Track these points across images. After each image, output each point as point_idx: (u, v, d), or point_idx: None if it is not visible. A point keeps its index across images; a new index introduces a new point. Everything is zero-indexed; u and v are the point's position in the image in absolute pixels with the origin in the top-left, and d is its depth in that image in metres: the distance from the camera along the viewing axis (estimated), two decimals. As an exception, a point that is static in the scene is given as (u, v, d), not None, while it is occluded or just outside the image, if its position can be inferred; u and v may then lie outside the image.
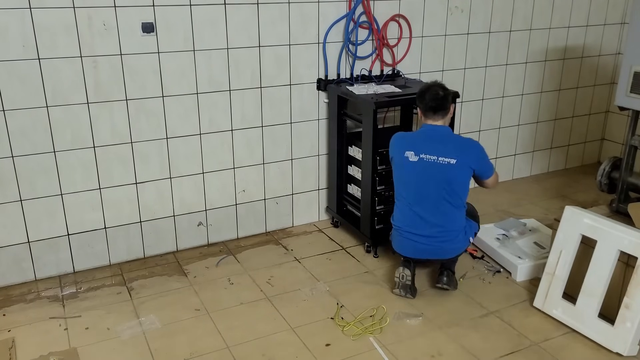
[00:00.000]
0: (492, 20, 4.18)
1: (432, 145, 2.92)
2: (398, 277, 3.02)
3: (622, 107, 3.20)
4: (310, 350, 2.64)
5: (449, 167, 2.88)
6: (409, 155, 2.94)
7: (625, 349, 2.57)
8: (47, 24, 2.88)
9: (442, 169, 2.89)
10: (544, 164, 4.87)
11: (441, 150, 2.90)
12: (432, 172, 2.90)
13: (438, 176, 2.89)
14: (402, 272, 3.01)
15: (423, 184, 2.93)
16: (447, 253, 3.02)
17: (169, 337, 2.73)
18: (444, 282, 3.04)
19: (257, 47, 3.42)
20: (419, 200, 2.95)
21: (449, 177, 2.90)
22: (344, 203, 3.78)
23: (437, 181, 2.90)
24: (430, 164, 2.90)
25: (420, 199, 2.95)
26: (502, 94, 4.44)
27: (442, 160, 2.89)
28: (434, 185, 2.91)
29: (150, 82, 3.20)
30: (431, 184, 2.91)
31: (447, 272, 3.06)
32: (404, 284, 3.01)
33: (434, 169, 2.89)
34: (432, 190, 2.92)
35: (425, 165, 2.90)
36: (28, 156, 3.02)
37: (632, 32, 3.10)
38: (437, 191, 2.91)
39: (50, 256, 3.23)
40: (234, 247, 3.62)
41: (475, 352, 2.63)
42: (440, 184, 2.90)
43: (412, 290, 3.03)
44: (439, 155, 2.89)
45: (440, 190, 2.91)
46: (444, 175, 2.89)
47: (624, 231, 2.66)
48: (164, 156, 3.36)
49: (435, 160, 2.89)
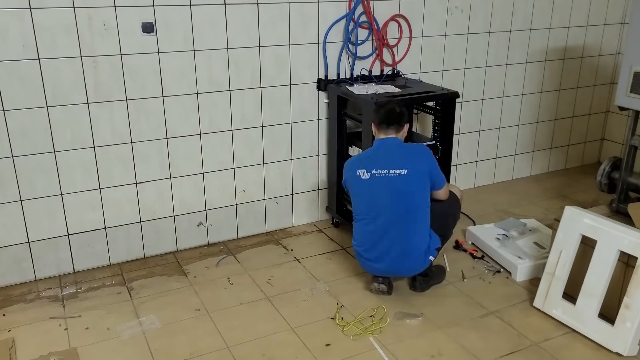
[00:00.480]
0: (492, 20, 4.18)
1: (381, 159, 2.86)
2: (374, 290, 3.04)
3: (622, 107, 3.20)
4: (310, 350, 2.64)
5: (400, 179, 2.80)
6: (361, 173, 2.87)
7: (625, 349, 2.57)
8: (47, 24, 2.88)
9: (393, 182, 2.81)
10: (544, 164, 4.87)
11: (390, 162, 2.83)
12: (384, 187, 2.82)
13: (390, 190, 2.82)
14: (378, 287, 3.01)
15: (377, 201, 2.86)
16: (407, 272, 3.00)
17: (169, 337, 2.73)
18: (417, 288, 3.04)
19: (257, 47, 3.42)
20: (374, 218, 2.87)
21: (402, 189, 2.81)
22: (344, 203, 3.78)
23: (391, 196, 2.82)
24: (381, 179, 2.82)
25: (375, 217, 2.87)
26: (502, 94, 4.44)
27: (392, 172, 2.81)
28: (388, 201, 2.83)
29: (150, 82, 3.20)
30: (385, 200, 2.84)
31: (419, 277, 3.04)
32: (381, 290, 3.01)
33: (385, 183, 2.82)
34: (386, 206, 2.84)
35: (377, 181, 2.83)
36: (28, 156, 3.03)
37: (632, 32, 3.10)
38: (391, 207, 2.83)
39: (50, 256, 3.23)
40: (234, 247, 3.62)
41: (475, 352, 2.63)
42: (394, 198, 2.82)
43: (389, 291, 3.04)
44: (389, 168, 2.82)
45: (394, 206, 2.83)
46: (396, 188, 2.81)
47: (624, 231, 2.66)
48: (164, 156, 3.36)
49: (385, 174, 2.81)
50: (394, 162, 2.83)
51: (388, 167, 2.83)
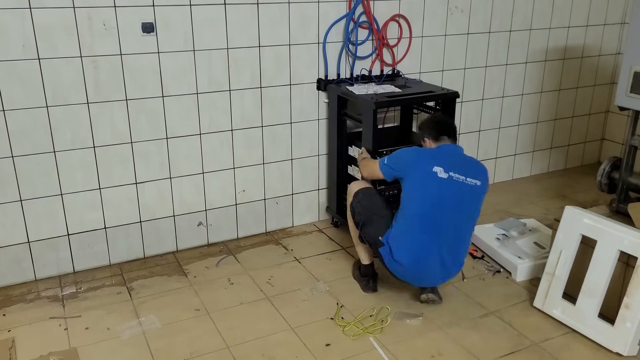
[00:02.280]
0: (492, 20, 4.18)
1: (457, 164, 2.72)
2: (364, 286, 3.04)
3: (622, 107, 3.20)
4: (310, 350, 2.64)
5: (474, 189, 2.71)
6: (438, 171, 2.66)
7: (625, 349, 2.57)
8: (47, 24, 2.88)
9: (468, 191, 2.70)
10: (544, 164, 4.87)
11: (466, 170, 2.71)
12: (459, 195, 2.68)
13: (463, 197, 2.70)
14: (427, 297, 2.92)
15: (451, 206, 2.70)
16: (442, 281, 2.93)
17: (169, 337, 2.73)
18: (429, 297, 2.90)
19: (257, 47, 3.42)
20: (439, 225, 2.70)
21: (473, 199, 2.74)
22: (344, 203, 3.77)
23: (461, 203, 2.71)
24: (460, 184, 2.68)
25: (441, 224, 2.71)
26: (502, 94, 4.44)
27: (470, 181, 2.69)
28: (456, 207, 2.71)
29: (150, 82, 3.20)
30: (453, 205, 2.71)
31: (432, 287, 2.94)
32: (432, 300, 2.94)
33: (461, 189, 2.68)
34: (458, 214, 2.73)
35: (455, 185, 2.68)
36: (28, 156, 3.02)
37: (632, 32, 3.10)
38: (457, 214, 2.73)
39: (50, 256, 3.23)
40: (234, 247, 3.62)
41: (475, 352, 2.63)
42: (462, 206, 2.73)
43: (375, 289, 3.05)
44: (466, 176, 2.69)
45: (460, 214, 2.74)
46: (468, 196, 2.71)
47: (624, 231, 2.66)
48: (164, 156, 3.36)
49: (463, 180, 2.69)
50: (470, 171, 2.72)
51: (465, 174, 2.70)
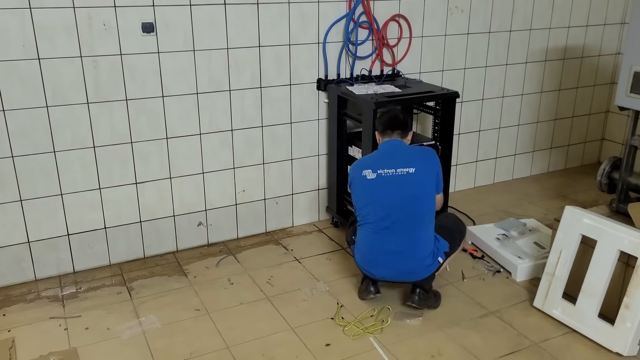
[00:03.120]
0: (492, 20, 4.18)
1: (387, 159, 2.79)
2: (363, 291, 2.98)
3: (622, 107, 3.20)
4: (310, 350, 2.64)
5: (408, 178, 2.73)
6: (367, 173, 2.78)
7: (625, 349, 2.57)
8: (47, 24, 2.88)
9: (402, 181, 2.73)
10: (544, 164, 4.87)
11: (397, 161, 2.75)
12: (392, 187, 2.73)
13: (399, 189, 2.73)
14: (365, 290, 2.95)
15: (383, 201, 2.76)
16: (415, 277, 2.85)
17: (169, 337, 2.73)
18: (414, 301, 2.86)
19: (257, 47, 3.42)
20: (380, 221, 2.77)
21: (411, 189, 2.73)
22: (344, 203, 3.78)
23: (399, 196, 2.73)
24: (389, 178, 2.74)
25: (381, 220, 2.76)
26: (502, 94, 4.44)
27: (400, 171, 2.73)
28: (396, 201, 2.74)
29: (150, 82, 3.20)
30: (392, 200, 2.74)
31: (419, 291, 2.87)
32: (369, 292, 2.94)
33: (394, 183, 2.73)
34: (394, 207, 2.74)
35: (384, 181, 2.74)
36: (28, 156, 3.03)
37: (632, 32, 3.09)
38: (399, 208, 2.74)
39: (50, 256, 3.23)
40: (234, 247, 3.62)
41: (475, 352, 2.63)
42: (403, 198, 2.73)
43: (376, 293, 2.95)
44: (396, 167, 2.74)
45: (403, 207, 2.74)
46: (405, 187, 2.73)
47: (624, 231, 2.66)
48: (164, 156, 3.36)
49: (393, 173, 2.73)
50: (401, 161, 2.76)
51: (395, 166, 2.75)
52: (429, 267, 2.83)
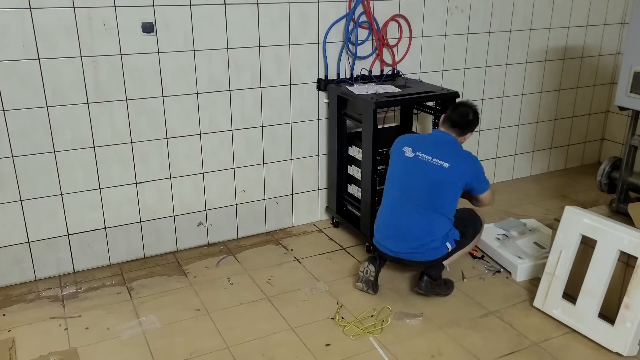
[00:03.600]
0: (492, 20, 4.18)
1: (431, 147, 2.95)
2: (362, 272, 3.05)
3: (622, 107, 3.20)
4: (310, 350, 2.64)
5: (440, 169, 2.88)
6: (406, 150, 2.97)
7: (625, 349, 2.57)
8: (47, 23, 2.88)
9: (433, 169, 2.88)
10: (544, 164, 4.87)
11: (438, 152, 2.91)
12: (423, 170, 2.90)
13: (427, 175, 2.89)
14: (367, 267, 3.04)
15: (412, 180, 2.93)
16: (420, 257, 2.94)
17: (169, 337, 2.73)
18: (420, 287, 2.99)
19: (257, 47, 3.42)
20: (405, 197, 2.94)
21: (438, 179, 2.88)
22: (344, 203, 3.78)
23: (426, 181, 2.90)
24: (423, 162, 2.91)
25: (404, 196, 2.94)
26: (502, 94, 4.44)
27: (435, 161, 2.89)
28: (422, 185, 2.91)
29: (150, 82, 3.20)
30: (419, 182, 2.91)
31: (426, 279, 2.98)
32: (367, 278, 3.03)
33: (425, 167, 2.90)
34: (418, 189, 2.92)
35: (418, 163, 2.92)
36: (28, 156, 3.02)
37: (632, 32, 3.09)
38: (423, 191, 2.91)
39: (50, 256, 3.23)
40: (234, 247, 3.62)
41: (475, 352, 2.63)
42: (428, 184, 2.89)
43: (374, 286, 3.04)
44: (433, 157, 2.90)
45: (426, 192, 2.90)
46: (433, 175, 2.88)
47: (624, 231, 2.66)
48: (164, 156, 3.36)
49: (429, 160, 2.90)
50: (440, 154, 2.91)
51: (433, 154, 2.91)
52: (437, 249, 2.93)
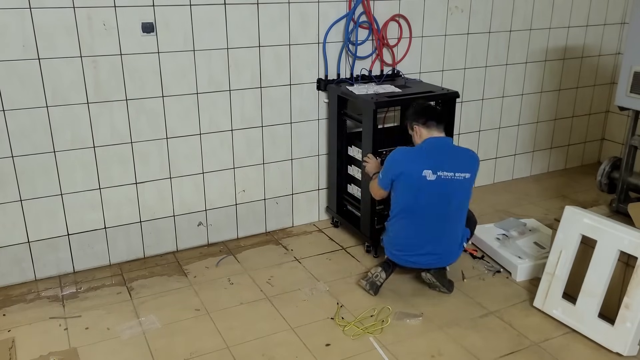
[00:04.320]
0: (492, 20, 4.18)
1: (447, 161, 2.87)
2: (372, 274, 3.06)
3: (622, 107, 3.21)
4: (310, 350, 2.64)
5: (464, 182, 2.88)
6: (427, 174, 2.82)
7: (625, 349, 2.57)
8: (47, 24, 2.88)
9: (459, 185, 2.87)
10: (544, 164, 4.87)
11: (455, 165, 2.86)
12: (449, 190, 2.86)
13: (455, 193, 2.88)
14: (379, 272, 3.04)
15: (439, 204, 2.88)
16: (441, 265, 3.05)
17: (169, 337, 2.73)
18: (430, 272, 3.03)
19: (257, 47, 3.42)
20: (428, 221, 2.90)
21: (465, 193, 2.92)
22: (344, 203, 3.78)
23: (454, 198, 2.89)
24: (448, 181, 2.84)
25: (430, 220, 2.90)
26: (502, 94, 4.44)
27: (458, 175, 2.86)
28: (450, 204, 2.90)
29: (150, 82, 3.20)
30: (447, 203, 2.89)
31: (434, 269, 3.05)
32: (374, 281, 3.04)
33: (451, 187, 2.86)
34: (446, 209, 2.90)
35: (443, 184, 2.84)
36: (28, 156, 3.02)
37: (632, 32, 3.10)
38: (451, 209, 2.92)
39: (50, 256, 3.23)
40: (234, 247, 3.62)
41: (475, 352, 2.63)
42: (456, 200, 2.91)
43: (377, 289, 3.04)
44: (455, 171, 2.85)
45: (454, 208, 2.93)
46: (460, 191, 2.89)
47: (624, 231, 2.66)
48: (164, 156, 3.36)
49: (452, 177, 2.85)
50: (459, 165, 2.87)
51: (454, 169, 2.85)
52: (457, 251, 3.06)
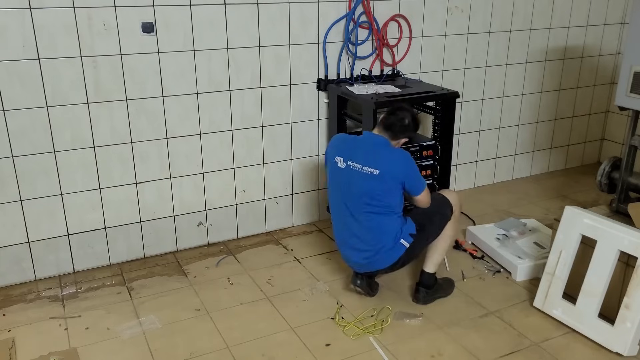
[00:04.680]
0: (492, 20, 4.18)
1: (361, 153, 2.82)
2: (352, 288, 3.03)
3: (622, 107, 3.20)
4: (310, 350, 2.64)
5: (370, 177, 2.76)
6: (338, 160, 2.87)
7: (625, 349, 2.57)
8: (47, 24, 2.88)
9: (365, 178, 2.77)
10: (544, 164, 4.87)
11: (368, 159, 2.79)
12: (356, 180, 2.80)
13: (359, 185, 2.79)
14: (354, 287, 3.00)
15: (347, 191, 2.84)
16: (379, 264, 2.87)
17: (169, 337, 2.73)
18: (419, 300, 2.97)
19: (257, 47, 3.42)
20: (345, 208, 2.87)
21: (369, 187, 2.77)
22: (344, 203, 3.77)
23: (358, 190, 2.80)
24: (354, 172, 2.80)
25: (345, 207, 2.86)
26: (502, 94, 4.44)
27: (366, 169, 2.78)
28: (355, 194, 2.81)
29: (150, 82, 3.20)
30: (355, 192, 2.81)
31: (422, 289, 2.97)
32: (358, 291, 3.02)
33: (357, 177, 2.80)
34: (354, 199, 2.82)
35: (350, 173, 2.82)
36: (28, 156, 3.02)
37: (632, 32, 3.10)
38: (358, 201, 2.81)
39: (50, 256, 3.23)
40: (234, 247, 3.62)
41: (475, 352, 2.63)
42: (361, 193, 2.80)
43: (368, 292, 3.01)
44: (364, 164, 2.79)
45: (360, 200, 2.81)
46: (364, 184, 2.78)
47: (624, 231, 2.66)
48: (164, 156, 3.36)
49: (360, 169, 2.79)
50: (370, 160, 2.78)
51: (364, 162, 2.79)
52: (392, 250, 2.82)
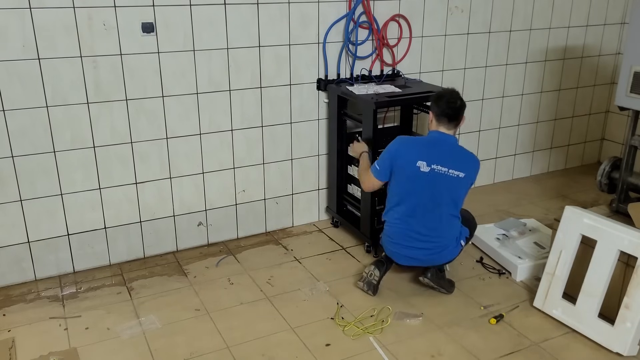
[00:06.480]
0: (492, 20, 4.18)
1: (444, 156, 2.89)
2: (366, 274, 3.06)
3: (622, 107, 3.21)
4: (310, 350, 2.64)
5: (457, 180, 2.89)
6: (421, 165, 2.87)
7: (625, 349, 2.57)
8: (47, 24, 2.88)
9: (451, 181, 2.88)
10: (544, 164, 4.87)
11: (451, 162, 2.89)
12: (441, 184, 2.88)
13: (446, 188, 2.89)
14: (372, 270, 3.04)
15: (431, 196, 2.90)
16: (438, 261, 3.03)
17: (169, 337, 2.73)
18: (427, 277, 3.02)
19: (257, 47, 3.42)
20: (420, 211, 2.92)
21: (456, 190, 2.92)
22: (344, 203, 3.78)
23: (445, 193, 2.90)
24: (440, 176, 2.87)
25: (422, 210, 2.92)
26: (502, 94, 4.44)
27: (452, 172, 2.87)
28: (441, 197, 2.90)
29: (150, 82, 3.20)
30: (438, 196, 2.90)
31: (433, 269, 3.03)
32: (370, 281, 3.05)
33: (444, 181, 2.88)
34: (437, 202, 2.90)
35: (435, 176, 2.87)
36: (28, 156, 3.02)
37: (632, 32, 3.10)
38: (442, 203, 2.91)
39: (50, 256, 3.23)
40: (234, 247, 3.62)
41: (475, 352, 2.63)
42: (447, 196, 2.91)
43: (375, 289, 3.05)
44: (449, 168, 2.88)
45: (445, 202, 2.92)
46: (452, 187, 2.90)
47: (624, 231, 2.66)
48: (164, 156, 3.36)
49: (445, 172, 2.87)
50: (454, 163, 2.89)
51: (448, 165, 2.88)
52: (454, 249, 3.01)
